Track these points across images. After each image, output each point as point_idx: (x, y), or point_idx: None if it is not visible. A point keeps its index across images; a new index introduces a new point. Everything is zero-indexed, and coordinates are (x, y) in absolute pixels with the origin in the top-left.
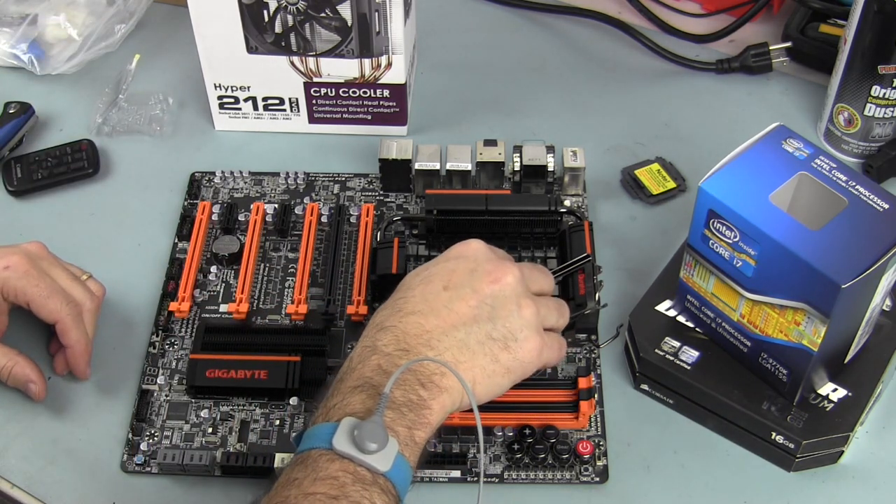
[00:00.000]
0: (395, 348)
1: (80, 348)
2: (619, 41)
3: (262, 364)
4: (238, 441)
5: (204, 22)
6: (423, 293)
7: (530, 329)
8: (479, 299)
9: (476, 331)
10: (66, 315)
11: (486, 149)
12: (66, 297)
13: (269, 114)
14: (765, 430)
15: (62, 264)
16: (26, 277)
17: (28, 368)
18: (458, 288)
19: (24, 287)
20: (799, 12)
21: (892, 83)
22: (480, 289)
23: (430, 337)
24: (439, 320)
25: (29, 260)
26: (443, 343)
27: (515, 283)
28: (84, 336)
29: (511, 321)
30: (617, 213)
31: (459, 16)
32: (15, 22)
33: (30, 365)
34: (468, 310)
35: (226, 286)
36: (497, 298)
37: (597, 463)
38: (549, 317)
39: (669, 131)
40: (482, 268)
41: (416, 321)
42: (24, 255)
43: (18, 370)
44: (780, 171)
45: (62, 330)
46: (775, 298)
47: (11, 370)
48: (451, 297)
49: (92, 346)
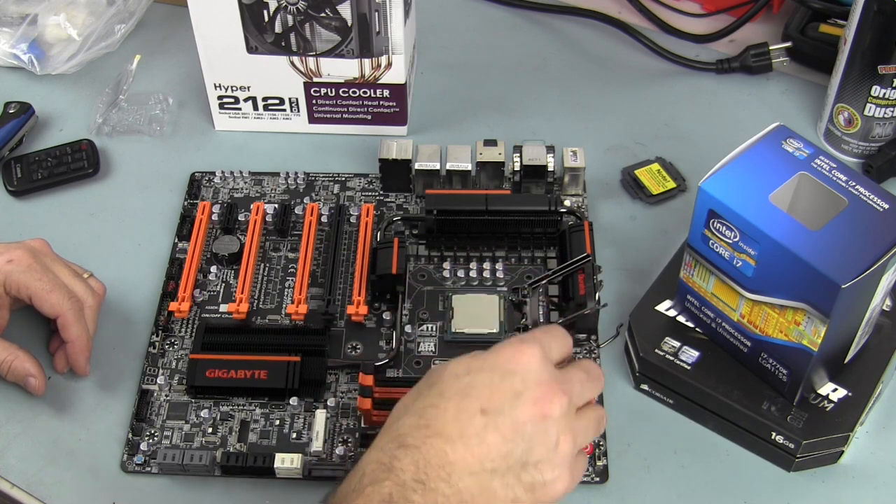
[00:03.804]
0: (412, 477)
1: (81, 344)
2: (619, 41)
3: (262, 364)
4: (238, 441)
5: (204, 22)
6: (458, 411)
7: (563, 467)
8: (517, 432)
9: (503, 472)
10: (68, 310)
11: (486, 149)
12: (68, 293)
13: (269, 114)
14: (765, 430)
15: (64, 261)
16: (29, 272)
17: (28, 363)
18: (497, 414)
19: (27, 281)
20: (799, 12)
21: (892, 83)
22: (521, 420)
23: (451, 470)
24: (467, 452)
25: (32, 255)
26: (463, 481)
27: (560, 416)
28: (85, 332)
29: (545, 462)
30: (617, 213)
31: (459, 16)
32: (15, 22)
33: (30, 359)
34: (501, 443)
35: (226, 286)
36: (536, 433)
37: (597, 463)
38: (587, 436)
39: (669, 131)
40: (529, 393)
41: (441, 447)
42: (28, 250)
43: (18, 364)
44: (780, 171)
45: (63, 324)
46: (775, 298)
47: (11, 364)
48: (486, 423)
49: (92, 343)
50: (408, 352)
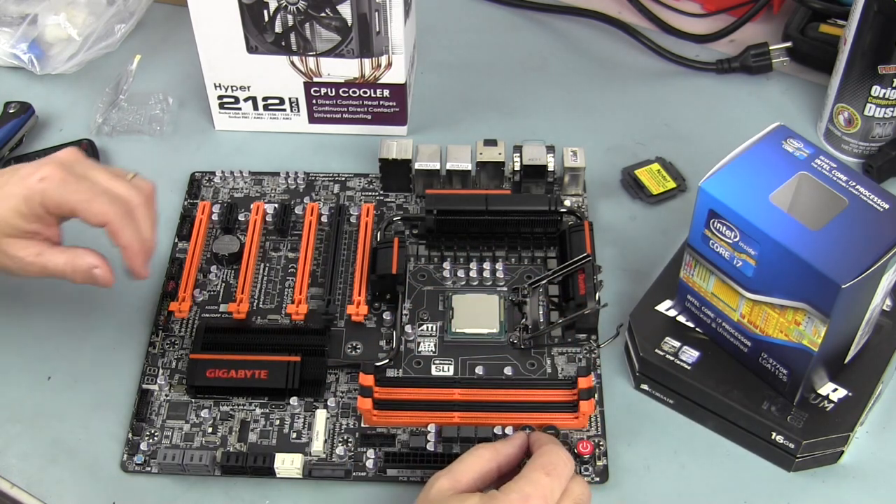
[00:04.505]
0: None
1: (136, 247)
2: (619, 41)
3: (262, 364)
4: (238, 441)
5: (204, 22)
6: None
7: None
8: None
9: None
10: (115, 214)
11: (486, 149)
12: (110, 197)
13: (269, 114)
14: (765, 430)
15: (101, 166)
16: (64, 185)
17: (89, 256)
18: None
19: (64, 195)
20: (799, 12)
21: (892, 83)
22: None
23: None
24: None
25: (64, 168)
26: None
27: None
28: (136, 235)
29: None
30: (617, 213)
31: (459, 16)
32: (15, 22)
33: (90, 252)
34: None
35: (226, 286)
36: None
37: (597, 463)
38: None
39: (669, 131)
40: None
41: None
42: (58, 163)
43: (80, 261)
44: (781, 171)
45: (113, 231)
46: (775, 298)
47: (73, 263)
48: None
49: (150, 244)
50: (408, 352)
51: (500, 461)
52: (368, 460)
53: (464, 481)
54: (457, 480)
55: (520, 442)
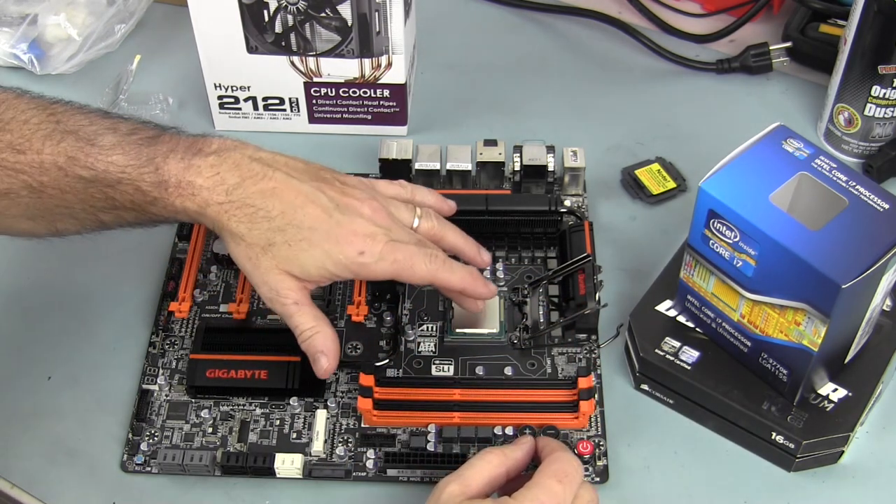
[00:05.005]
0: None
1: (470, 278)
2: (619, 41)
3: (262, 364)
4: (238, 441)
5: (204, 22)
6: None
7: None
8: None
9: None
10: (437, 270)
11: (486, 149)
12: (424, 254)
13: (269, 114)
14: (765, 430)
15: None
16: (380, 262)
17: (328, 340)
18: None
19: (377, 272)
20: (799, 12)
21: (892, 83)
22: None
23: None
24: None
25: (382, 233)
26: None
27: None
28: (463, 269)
29: None
30: (617, 213)
31: (459, 16)
32: (15, 22)
33: (331, 337)
34: None
35: (226, 286)
36: None
37: (597, 463)
38: None
39: (669, 131)
40: None
41: None
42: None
43: (318, 339)
44: (781, 171)
45: (442, 284)
46: (775, 298)
47: (312, 336)
48: None
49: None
50: (408, 352)
51: (509, 466)
52: (368, 460)
53: (474, 486)
54: (467, 485)
55: (528, 447)
